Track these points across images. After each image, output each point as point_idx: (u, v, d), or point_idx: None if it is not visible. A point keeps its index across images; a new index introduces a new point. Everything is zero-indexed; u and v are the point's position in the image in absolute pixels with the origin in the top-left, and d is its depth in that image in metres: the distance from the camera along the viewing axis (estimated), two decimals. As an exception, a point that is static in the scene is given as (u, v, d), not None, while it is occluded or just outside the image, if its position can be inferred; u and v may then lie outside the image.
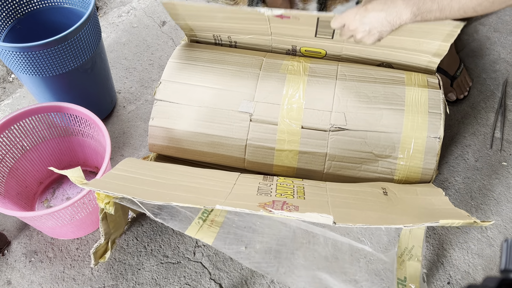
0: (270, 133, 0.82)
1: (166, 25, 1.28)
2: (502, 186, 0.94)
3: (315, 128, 0.81)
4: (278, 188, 0.69)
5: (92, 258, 0.67)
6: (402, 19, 0.64)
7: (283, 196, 0.66)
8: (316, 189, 0.71)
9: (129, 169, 0.70)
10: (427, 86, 0.82)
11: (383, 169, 0.80)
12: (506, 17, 1.27)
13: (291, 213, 0.55)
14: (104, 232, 0.66)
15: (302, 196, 0.66)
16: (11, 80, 1.18)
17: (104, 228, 0.66)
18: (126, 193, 0.58)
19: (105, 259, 0.70)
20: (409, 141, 0.79)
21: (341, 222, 0.52)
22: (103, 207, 0.63)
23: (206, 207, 0.57)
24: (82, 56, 0.87)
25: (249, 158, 0.83)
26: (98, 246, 0.67)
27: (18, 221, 0.90)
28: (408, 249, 0.78)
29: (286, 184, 0.72)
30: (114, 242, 0.75)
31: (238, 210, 0.55)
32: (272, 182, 0.73)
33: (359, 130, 0.80)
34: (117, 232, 0.73)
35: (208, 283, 0.82)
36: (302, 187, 0.71)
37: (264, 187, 0.70)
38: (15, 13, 0.95)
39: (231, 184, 0.69)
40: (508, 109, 1.07)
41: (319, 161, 0.81)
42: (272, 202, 0.61)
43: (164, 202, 0.57)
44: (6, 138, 0.83)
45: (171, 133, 0.84)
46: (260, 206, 0.58)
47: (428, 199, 0.70)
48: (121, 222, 0.73)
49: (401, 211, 0.63)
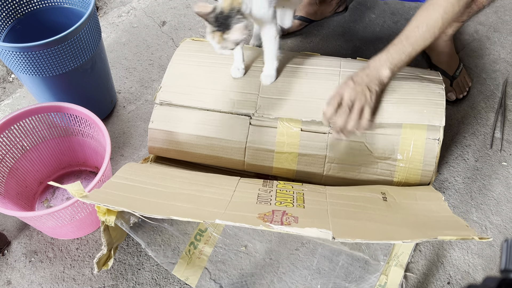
0: (269, 135, 0.82)
1: (166, 25, 1.28)
2: (502, 186, 0.94)
3: (314, 130, 0.81)
4: (278, 195, 0.70)
5: (95, 267, 0.67)
6: (384, 75, 0.76)
7: (282, 204, 0.66)
8: (315, 195, 0.71)
9: (128, 177, 0.70)
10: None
11: (382, 171, 0.80)
12: (506, 17, 1.27)
13: (291, 228, 0.56)
14: (106, 243, 0.67)
15: (301, 205, 0.67)
16: (11, 80, 1.18)
17: (106, 238, 0.66)
18: (125, 206, 0.59)
19: (108, 266, 0.70)
20: (409, 143, 0.78)
21: (340, 237, 0.54)
22: (103, 220, 0.63)
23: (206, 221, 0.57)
24: (82, 56, 0.87)
25: (248, 161, 0.83)
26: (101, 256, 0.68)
27: (18, 221, 0.90)
28: (397, 255, 0.79)
29: (285, 190, 0.72)
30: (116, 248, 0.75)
31: (238, 225, 0.56)
32: (272, 187, 0.73)
33: None
34: (119, 240, 0.73)
35: (208, 283, 0.82)
36: (302, 194, 0.71)
37: (263, 194, 0.70)
38: (15, 13, 0.95)
39: (231, 191, 0.69)
40: (508, 109, 1.07)
41: (318, 163, 0.81)
42: (271, 212, 0.61)
43: (164, 215, 0.58)
44: (6, 138, 0.83)
45: (171, 136, 0.84)
46: (259, 217, 0.59)
47: (428, 205, 0.70)
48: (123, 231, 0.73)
49: (401, 220, 0.64)
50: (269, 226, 0.56)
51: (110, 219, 0.63)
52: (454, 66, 1.09)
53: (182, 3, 1.34)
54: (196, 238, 0.83)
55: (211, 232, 0.84)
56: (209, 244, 0.83)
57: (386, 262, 0.79)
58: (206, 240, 0.83)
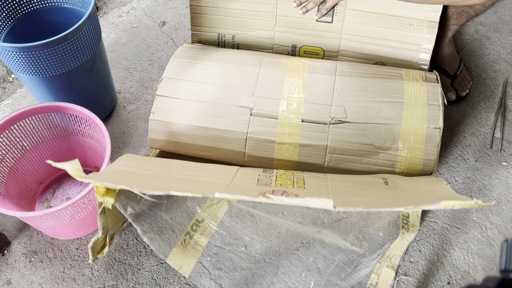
0: (270, 126, 0.82)
1: (166, 25, 1.28)
2: (502, 186, 0.94)
3: (315, 121, 0.81)
4: (278, 179, 0.69)
5: (90, 253, 0.66)
6: None
7: (283, 186, 0.65)
8: (316, 180, 0.71)
9: (128, 164, 0.69)
10: (425, 80, 0.83)
11: (384, 161, 0.80)
12: (506, 17, 1.27)
13: (291, 199, 0.53)
14: (102, 226, 0.66)
15: (302, 186, 0.66)
16: (11, 80, 1.18)
17: (102, 222, 0.65)
18: (125, 184, 0.57)
19: (103, 254, 0.69)
20: (409, 133, 0.79)
21: (341, 207, 0.52)
22: (101, 200, 0.62)
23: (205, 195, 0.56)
24: (82, 56, 0.87)
25: (249, 152, 0.83)
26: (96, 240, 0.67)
27: (18, 221, 0.90)
28: (390, 256, 0.79)
29: (286, 176, 0.72)
30: (112, 238, 0.74)
31: (237, 197, 0.54)
32: (272, 174, 0.73)
33: (359, 122, 0.80)
34: (115, 227, 0.72)
35: (208, 283, 0.82)
36: (302, 178, 0.71)
37: (264, 178, 0.70)
38: (15, 13, 0.95)
39: (231, 176, 0.69)
40: (508, 109, 1.07)
41: (319, 154, 0.81)
42: (272, 191, 0.60)
43: (164, 191, 0.56)
44: (6, 138, 0.83)
45: (172, 127, 0.84)
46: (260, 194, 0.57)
47: (430, 187, 0.69)
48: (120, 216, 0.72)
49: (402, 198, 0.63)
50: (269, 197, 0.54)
51: (109, 201, 0.62)
52: (455, 66, 1.09)
53: (182, 3, 1.34)
54: (193, 228, 0.83)
55: (207, 223, 0.83)
56: (205, 235, 0.83)
57: (378, 262, 0.78)
58: (203, 231, 0.83)
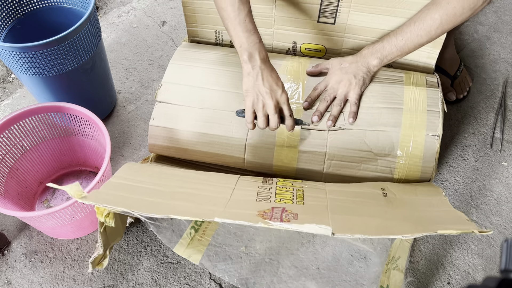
0: (269, 133, 0.82)
1: (166, 25, 1.28)
2: (502, 186, 0.94)
3: (314, 128, 0.81)
4: (278, 192, 0.70)
5: (90, 266, 0.67)
6: (372, 64, 0.80)
7: (282, 201, 0.66)
8: (315, 192, 0.71)
9: (128, 177, 0.71)
10: (426, 85, 0.83)
11: (382, 168, 0.80)
12: (506, 17, 1.27)
13: (290, 224, 0.55)
14: (103, 244, 0.67)
15: (301, 201, 0.67)
16: (11, 80, 1.18)
17: (103, 240, 0.67)
18: (125, 206, 0.59)
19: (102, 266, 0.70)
20: (408, 140, 0.79)
21: (339, 233, 0.54)
22: (103, 220, 0.63)
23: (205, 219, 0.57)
24: (82, 56, 0.87)
25: (248, 158, 0.83)
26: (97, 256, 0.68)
27: (18, 221, 0.90)
28: (395, 258, 0.79)
29: (285, 188, 0.72)
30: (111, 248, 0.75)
31: (237, 223, 0.56)
32: (272, 185, 0.74)
33: (358, 129, 0.80)
34: (115, 240, 0.73)
35: (208, 283, 0.82)
36: (302, 190, 0.71)
37: (263, 191, 0.70)
38: (15, 13, 0.95)
39: (230, 189, 0.69)
40: (508, 109, 1.07)
41: (318, 160, 0.81)
42: (271, 209, 0.61)
43: (163, 214, 0.58)
44: (6, 138, 0.83)
45: (172, 133, 0.84)
46: (259, 215, 0.58)
47: (428, 200, 0.70)
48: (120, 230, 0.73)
49: (401, 216, 0.64)
50: (268, 223, 0.56)
51: (110, 221, 0.64)
52: (455, 66, 1.09)
53: (182, 3, 1.34)
54: (197, 223, 0.83)
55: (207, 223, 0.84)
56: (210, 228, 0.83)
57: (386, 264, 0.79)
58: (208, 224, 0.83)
